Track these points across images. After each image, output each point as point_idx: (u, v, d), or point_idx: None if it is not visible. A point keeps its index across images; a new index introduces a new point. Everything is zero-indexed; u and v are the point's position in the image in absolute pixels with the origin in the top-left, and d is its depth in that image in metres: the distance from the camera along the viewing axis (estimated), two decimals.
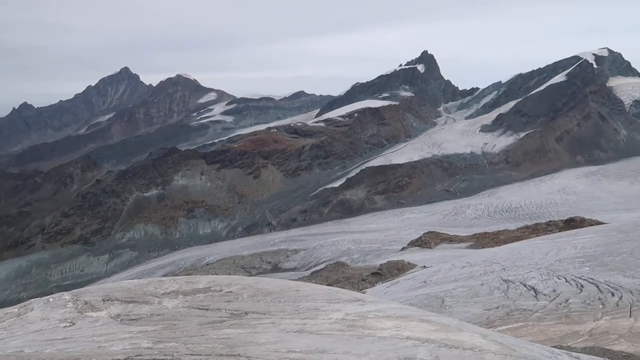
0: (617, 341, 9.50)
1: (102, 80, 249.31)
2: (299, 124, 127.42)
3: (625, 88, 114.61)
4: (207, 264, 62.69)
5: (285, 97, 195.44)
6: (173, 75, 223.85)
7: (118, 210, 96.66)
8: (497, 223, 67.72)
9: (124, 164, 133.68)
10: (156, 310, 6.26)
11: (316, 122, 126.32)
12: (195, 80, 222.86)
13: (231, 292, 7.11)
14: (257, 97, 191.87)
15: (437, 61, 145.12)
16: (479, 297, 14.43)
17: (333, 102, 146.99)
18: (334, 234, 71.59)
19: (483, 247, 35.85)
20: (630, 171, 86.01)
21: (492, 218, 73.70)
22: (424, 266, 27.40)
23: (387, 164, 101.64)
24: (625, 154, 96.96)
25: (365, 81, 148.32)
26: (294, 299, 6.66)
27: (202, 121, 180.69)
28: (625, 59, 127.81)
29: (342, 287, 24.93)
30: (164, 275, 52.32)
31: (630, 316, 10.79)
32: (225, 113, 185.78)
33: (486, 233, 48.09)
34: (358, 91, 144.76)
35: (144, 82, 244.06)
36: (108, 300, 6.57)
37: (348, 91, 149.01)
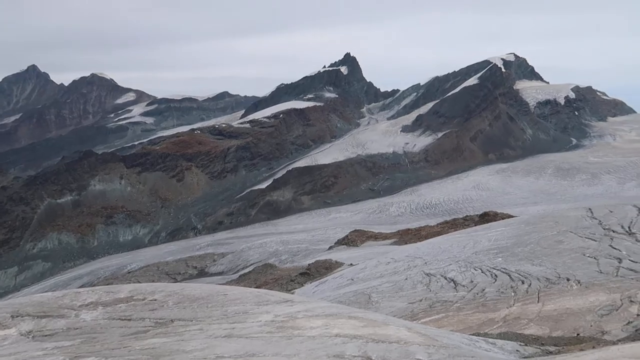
0: (528, 325, 10.26)
1: (6, 79, 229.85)
2: (224, 125, 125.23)
3: (530, 91, 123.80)
4: (129, 272, 59.84)
5: (208, 98, 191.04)
6: (87, 74, 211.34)
7: (27, 218, 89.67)
8: (419, 219, 70.55)
9: (34, 169, 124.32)
10: (73, 323, 5.90)
11: (241, 123, 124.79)
12: (112, 80, 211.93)
13: (155, 300, 6.85)
14: (179, 98, 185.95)
15: (360, 63, 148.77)
16: (404, 291, 14.97)
17: (258, 103, 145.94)
18: (262, 235, 71.10)
19: (406, 243, 37.10)
20: (536, 167, 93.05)
21: (414, 215, 76.69)
22: (351, 264, 27.89)
23: (313, 164, 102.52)
24: (531, 151, 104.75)
25: (290, 82, 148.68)
26: (222, 304, 6.55)
27: (120, 123, 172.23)
28: (530, 64, 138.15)
29: (271, 289, 24.84)
30: (81, 287, 49.21)
31: (538, 301, 11.68)
32: (145, 114, 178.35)
33: (409, 229, 49.82)
34: (283, 92, 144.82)
35: (54, 81, 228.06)
36: (17, 316, 6.10)
37: (273, 92, 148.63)
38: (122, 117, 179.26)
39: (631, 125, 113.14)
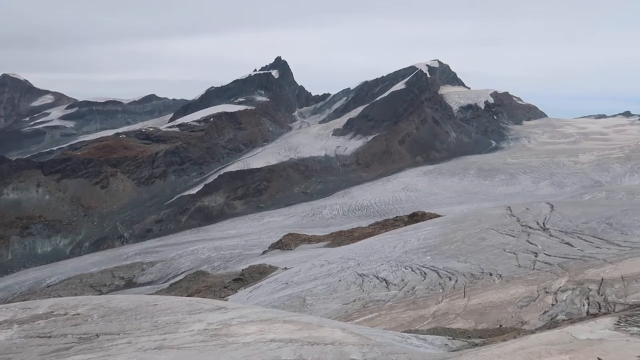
0: (455, 320, 10.73)
1: None
2: (151, 129, 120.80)
3: (453, 96, 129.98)
4: (49, 286, 56.09)
5: (134, 101, 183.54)
6: None
7: None
8: (352, 221, 71.80)
9: None
10: None
11: (170, 127, 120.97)
12: (27, 81, 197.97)
13: (78, 314, 6.47)
14: (102, 101, 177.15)
15: (291, 67, 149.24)
16: (338, 292, 15.17)
17: (187, 107, 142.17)
18: (193, 242, 69.30)
19: (339, 245, 37.59)
20: (460, 169, 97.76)
21: (347, 217, 77.93)
22: (285, 268, 27.85)
23: (246, 168, 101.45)
24: (456, 153, 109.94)
25: (220, 85, 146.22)
26: (152, 314, 6.30)
27: (36, 127, 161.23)
28: (453, 70, 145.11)
29: (204, 297, 24.25)
30: None
31: (464, 296, 12.26)
32: (64, 118, 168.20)
33: (342, 231, 50.54)
34: (213, 95, 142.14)
35: None
36: None
37: (203, 95, 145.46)
38: (39, 120, 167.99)
39: (543, 128, 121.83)
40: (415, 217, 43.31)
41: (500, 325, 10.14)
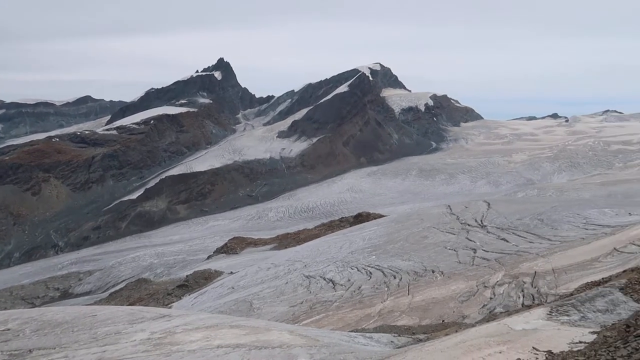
0: (400, 317, 10.99)
1: None
2: (87, 132, 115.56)
3: (395, 98, 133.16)
4: None
5: (68, 103, 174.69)
6: None
7: None
8: (298, 223, 71.90)
9: None
10: None
11: (107, 129, 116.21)
12: None
13: (8, 329, 6.08)
14: (32, 102, 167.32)
15: (234, 69, 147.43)
16: (285, 295, 15.13)
17: (126, 109, 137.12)
18: (134, 249, 66.98)
19: (286, 247, 37.57)
20: (402, 169, 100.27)
21: (293, 219, 77.96)
22: (231, 272, 27.51)
23: (189, 172, 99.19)
24: (398, 155, 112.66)
25: (160, 87, 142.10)
26: (90, 326, 6.03)
27: None
28: (394, 73, 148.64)
29: (146, 305, 23.48)
30: None
31: (408, 294, 12.58)
32: None
33: (288, 233, 50.52)
34: (153, 97, 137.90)
35: None
36: None
37: (142, 97, 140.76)
38: None
39: (480, 129, 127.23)
40: (360, 218, 43.98)
41: (443, 320, 10.48)
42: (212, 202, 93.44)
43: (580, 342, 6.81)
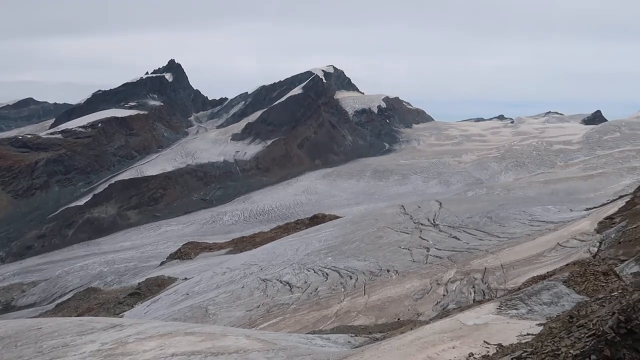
0: (357, 317, 11.09)
1: None
2: (29, 136, 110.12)
3: (348, 101, 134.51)
4: None
5: (8, 105, 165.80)
6: None
7: None
8: (253, 226, 71.34)
9: None
10: None
11: (51, 133, 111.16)
12: None
13: None
14: None
15: (185, 70, 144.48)
16: (241, 299, 14.96)
17: (71, 111, 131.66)
18: (82, 257, 64.47)
19: (242, 251, 37.24)
20: (357, 171, 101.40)
21: (248, 222, 77.29)
22: (185, 278, 27.01)
23: (139, 176, 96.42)
24: (352, 156, 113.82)
25: (108, 89, 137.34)
26: (35, 340, 5.74)
27: None
28: (347, 76, 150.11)
29: (96, 315, 22.64)
30: None
31: (364, 294, 12.73)
32: None
33: (243, 237, 50.12)
34: (100, 99, 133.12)
35: None
36: None
37: (89, 99, 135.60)
38: None
39: (431, 131, 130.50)
40: (316, 220, 44.19)
41: (399, 319, 10.67)
42: (165, 207, 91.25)
43: (528, 334, 7.10)
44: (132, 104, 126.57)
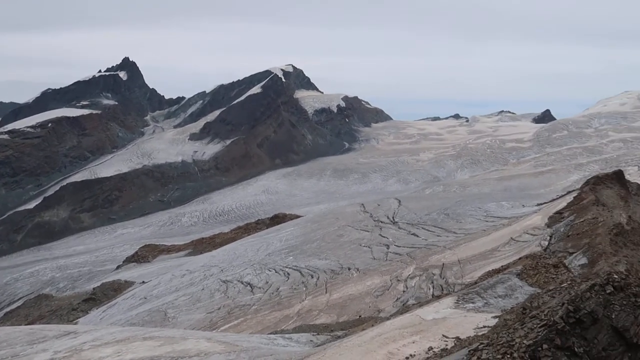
0: (319, 315, 11.14)
1: None
2: None
3: (308, 100, 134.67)
4: None
5: None
6: None
7: None
8: (213, 227, 70.38)
9: None
10: None
11: None
12: None
13: None
14: None
15: (140, 69, 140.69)
16: (201, 302, 14.73)
17: (18, 111, 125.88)
18: (32, 263, 61.82)
19: (201, 253, 36.72)
20: (317, 170, 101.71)
21: (208, 223, 76.19)
22: (143, 282, 26.42)
23: (93, 177, 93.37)
24: (312, 155, 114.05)
25: (58, 87, 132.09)
26: None
27: None
28: (306, 75, 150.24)
29: (48, 323, 21.77)
30: None
31: (326, 292, 12.80)
32: None
33: (203, 238, 49.41)
34: (50, 98, 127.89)
35: None
36: None
37: (38, 98, 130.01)
38: None
39: (389, 130, 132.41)
40: (277, 219, 44.07)
41: (360, 316, 10.79)
42: (120, 209, 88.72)
43: (484, 327, 7.33)
44: (85, 103, 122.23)
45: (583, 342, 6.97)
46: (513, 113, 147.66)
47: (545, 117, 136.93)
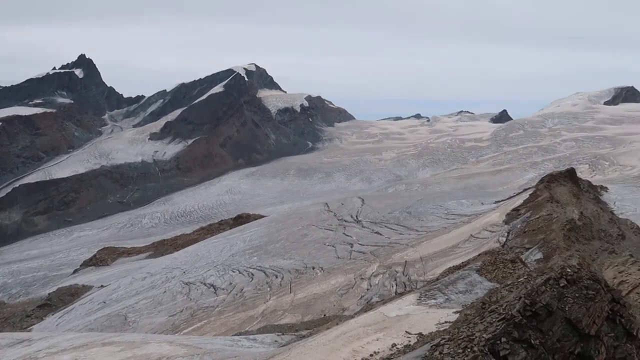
0: (283, 315, 11.11)
1: None
2: None
3: (271, 99, 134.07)
4: None
5: None
6: None
7: None
8: (175, 228, 69.10)
9: None
10: None
11: None
12: None
13: None
14: None
15: (98, 66, 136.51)
16: (163, 305, 14.44)
17: None
18: None
19: (163, 255, 36.03)
20: (281, 169, 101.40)
21: (169, 224, 74.75)
22: (102, 285, 25.72)
23: (48, 179, 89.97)
24: (276, 155, 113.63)
25: (9, 85, 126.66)
26: None
27: None
28: (269, 74, 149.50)
29: (0, 331, 20.85)
30: None
31: (290, 292, 12.78)
32: None
33: (164, 240, 48.52)
34: (1, 96, 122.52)
35: None
36: None
37: None
38: None
39: (352, 129, 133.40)
40: (241, 220, 43.70)
41: (325, 315, 10.83)
42: (77, 211, 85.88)
43: (446, 322, 7.49)
44: (38, 101, 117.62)
45: (539, 334, 7.23)
46: (472, 113, 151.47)
47: (502, 117, 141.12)
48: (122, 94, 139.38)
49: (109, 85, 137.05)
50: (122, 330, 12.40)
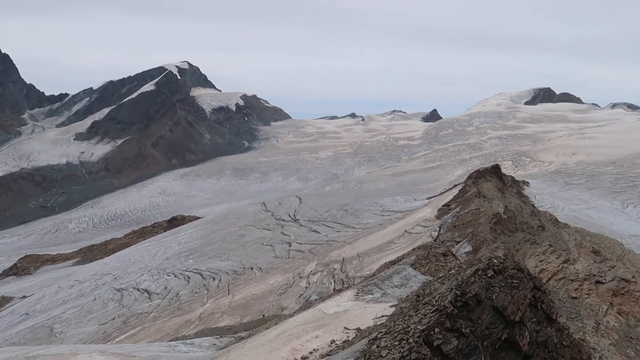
0: (222, 318, 10.93)
1: None
2: None
3: (205, 98, 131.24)
4: None
5: None
6: None
7: None
8: (104, 233, 66.04)
9: None
10: None
11: None
12: None
13: None
14: None
15: (15, 62, 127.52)
16: (93, 313, 13.76)
17: None
18: None
19: (92, 261, 34.44)
20: (216, 169, 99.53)
21: (98, 229, 71.30)
22: (24, 296, 24.14)
23: None
24: (211, 155, 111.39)
25: None
26: None
27: None
28: (203, 73, 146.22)
29: None
30: None
31: (228, 294, 12.60)
32: None
33: (93, 245, 46.40)
34: None
35: None
36: None
37: None
38: None
39: (289, 128, 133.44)
40: (175, 222, 42.62)
41: (264, 315, 10.77)
42: None
43: (383, 316, 7.69)
44: None
45: (469, 323, 7.60)
46: (404, 112, 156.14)
47: (433, 116, 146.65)
48: (43, 92, 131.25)
49: (28, 82, 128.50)
50: (48, 343, 11.71)
